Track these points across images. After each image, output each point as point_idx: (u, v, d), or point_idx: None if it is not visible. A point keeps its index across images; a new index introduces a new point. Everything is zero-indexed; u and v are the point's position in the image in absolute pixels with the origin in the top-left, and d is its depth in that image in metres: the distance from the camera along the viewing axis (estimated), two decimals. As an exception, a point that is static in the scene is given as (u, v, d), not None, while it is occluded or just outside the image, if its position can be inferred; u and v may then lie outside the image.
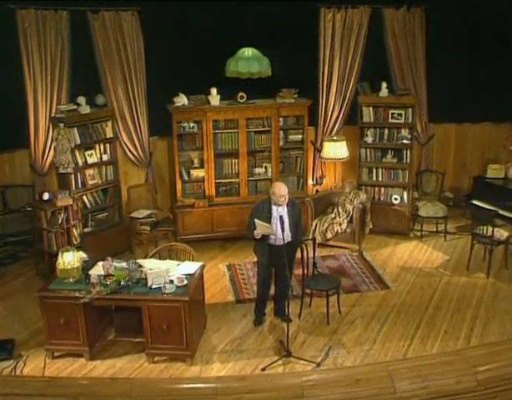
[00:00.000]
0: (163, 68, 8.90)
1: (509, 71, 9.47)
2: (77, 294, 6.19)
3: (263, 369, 6.14)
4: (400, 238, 9.34)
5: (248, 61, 8.25)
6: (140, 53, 9.01)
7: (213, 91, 8.96)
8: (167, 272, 6.28)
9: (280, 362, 6.24)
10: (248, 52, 8.34)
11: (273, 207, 6.60)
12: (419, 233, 9.37)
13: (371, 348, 6.50)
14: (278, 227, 6.44)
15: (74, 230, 8.08)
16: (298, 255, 6.94)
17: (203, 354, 6.46)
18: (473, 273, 8.14)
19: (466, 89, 9.57)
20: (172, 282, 6.26)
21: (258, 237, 6.52)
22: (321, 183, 10.10)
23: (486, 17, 9.30)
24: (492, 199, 8.64)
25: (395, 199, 9.43)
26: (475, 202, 8.94)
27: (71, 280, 6.37)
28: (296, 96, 9.19)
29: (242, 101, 8.98)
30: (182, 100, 8.87)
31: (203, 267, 6.77)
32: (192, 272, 6.54)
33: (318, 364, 6.20)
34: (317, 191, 9.90)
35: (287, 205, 6.61)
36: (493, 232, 7.88)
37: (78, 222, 8.16)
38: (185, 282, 6.28)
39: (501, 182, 9.15)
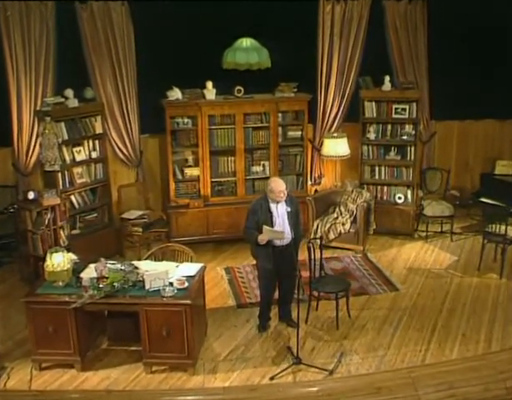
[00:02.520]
0: (155, 61, 8.39)
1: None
2: (67, 299, 5.66)
3: (272, 378, 5.65)
4: (405, 239, 8.93)
5: (247, 51, 7.81)
6: (130, 45, 8.50)
7: (209, 84, 8.49)
8: (166, 273, 5.77)
9: (290, 370, 5.76)
10: (247, 42, 7.90)
11: (272, 206, 6.14)
12: (423, 234, 8.97)
13: (386, 354, 6.05)
14: (285, 226, 5.98)
15: (62, 232, 7.52)
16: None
17: (205, 363, 5.95)
18: (484, 274, 7.74)
19: (469, 85, 9.18)
20: (171, 284, 5.75)
21: (263, 242, 6.04)
22: (319, 183, 9.66)
23: (489, 10, 8.94)
24: (502, 196, 8.24)
25: (399, 198, 9.01)
26: (484, 199, 8.54)
27: (60, 283, 5.83)
28: (295, 90, 8.74)
29: (239, 95, 8.51)
30: (176, 94, 8.39)
31: (203, 269, 6.27)
32: (192, 273, 6.04)
33: (331, 372, 5.71)
34: (316, 191, 9.46)
35: (285, 201, 6.17)
36: (506, 230, 7.49)
37: (66, 223, 7.60)
38: (186, 284, 5.77)
39: (511, 179, 8.76)
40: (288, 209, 6.05)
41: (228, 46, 8.08)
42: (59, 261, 5.75)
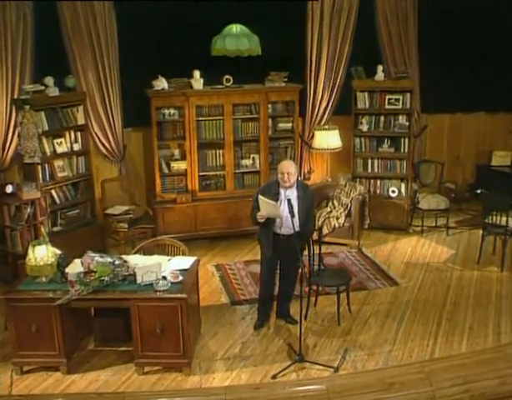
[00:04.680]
0: (139, 50, 7.99)
1: (503, 58, 8.98)
2: (51, 295, 5.23)
3: (274, 377, 5.28)
4: (399, 234, 8.64)
5: (237, 38, 7.43)
6: (113, 33, 8.09)
7: (196, 74, 8.12)
8: (159, 266, 5.37)
9: (292, 367, 5.39)
10: (237, 28, 7.53)
11: (281, 190, 5.75)
12: (417, 228, 8.70)
13: (392, 349, 5.73)
14: (285, 213, 5.61)
15: (42, 228, 7.03)
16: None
17: (200, 362, 5.55)
18: (484, 267, 7.49)
19: (459, 78, 8.97)
20: (164, 278, 5.35)
21: (262, 220, 5.66)
22: (309, 179, 9.33)
23: (480, 1, 8.73)
24: (500, 187, 7.98)
25: (393, 192, 8.73)
26: (481, 191, 8.30)
27: (43, 279, 5.39)
28: (286, 80, 8.42)
29: (228, 84, 8.15)
30: (161, 83, 7.99)
31: (197, 263, 5.88)
32: (186, 267, 5.65)
33: (336, 369, 5.36)
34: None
35: (297, 189, 5.79)
36: (507, 221, 7.25)
37: (47, 218, 7.14)
38: (180, 277, 5.38)
39: (509, 170, 8.54)
40: (289, 197, 5.66)
41: (216, 33, 7.73)
42: (42, 254, 5.30)
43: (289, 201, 5.57)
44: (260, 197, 5.59)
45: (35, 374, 5.42)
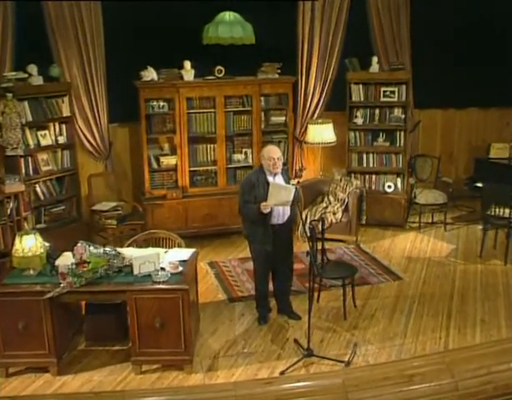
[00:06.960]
0: (126, 39, 7.64)
1: (496, 54, 8.84)
2: (39, 288, 4.82)
3: (283, 373, 4.94)
4: (396, 230, 8.37)
5: (231, 25, 7.15)
6: (98, 22, 7.69)
7: (187, 64, 7.78)
8: (157, 256, 5.00)
9: (301, 363, 5.07)
10: (230, 15, 7.25)
11: (269, 178, 5.50)
12: (414, 224, 8.46)
13: (404, 342, 5.46)
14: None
15: (26, 224, 6.61)
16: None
17: (202, 360, 5.19)
18: (487, 260, 7.28)
19: (451, 73, 8.79)
20: (163, 269, 4.99)
21: (267, 210, 5.34)
22: (301, 177, 9.04)
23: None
24: (500, 180, 7.75)
25: (389, 187, 8.47)
26: (480, 184, 8.09)
27: (31, 272, 4.99)
28: (279, 72, 8.14)
29: (220, 75, 7.84)
30: (150, 74, 7.65)
31: (196, 254, 5.53)
32: (185, 258, 5.30)
33: (348, 363, 5.06)
34: (298, 182, 8.83)
35: (282, 174, 5.61)
36: (510, 212, 7.04)
37: (31, 213, 6.71)
38: (180, 268, 5.02)
39: (508, 162, 8.36)
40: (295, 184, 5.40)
41: (207, 22, 7.44)
42: (31, 245, 4.90)
43: (296, 187, 5.30)
44: (273, 182, 5.34)
45: (22, 376, 5.00)
